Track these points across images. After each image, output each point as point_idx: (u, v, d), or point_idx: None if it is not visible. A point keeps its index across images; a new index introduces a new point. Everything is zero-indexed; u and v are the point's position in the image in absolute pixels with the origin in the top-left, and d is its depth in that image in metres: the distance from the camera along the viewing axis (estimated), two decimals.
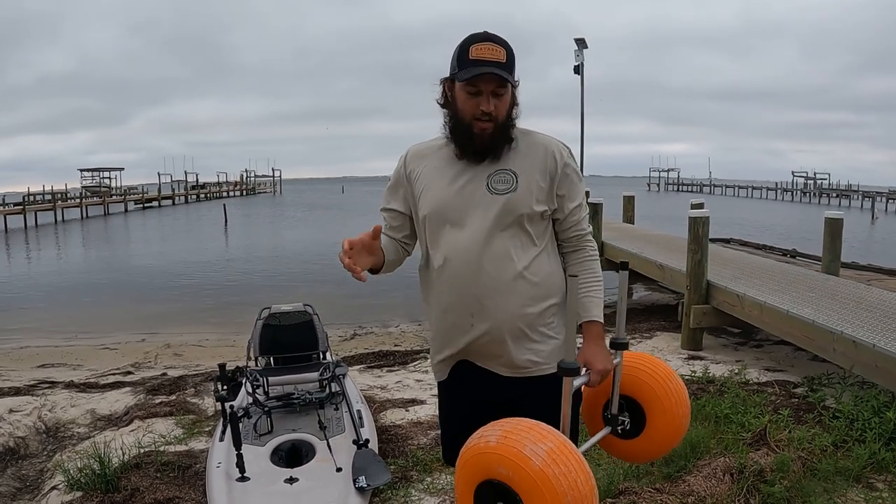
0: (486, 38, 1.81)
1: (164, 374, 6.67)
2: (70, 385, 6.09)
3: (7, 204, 37.94)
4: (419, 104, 2.07)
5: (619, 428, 2.04)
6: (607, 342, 1.97)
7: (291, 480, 3.00)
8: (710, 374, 5.22)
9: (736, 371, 5.30)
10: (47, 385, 6.12)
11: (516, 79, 1.86)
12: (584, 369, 1.87)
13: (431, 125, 1.98)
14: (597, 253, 2.03)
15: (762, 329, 6.70)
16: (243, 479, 2.99)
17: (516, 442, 1.61)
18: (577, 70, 19.71)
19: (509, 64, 1.80)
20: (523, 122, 1.97)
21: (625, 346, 2.02)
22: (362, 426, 3.49)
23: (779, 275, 7.98)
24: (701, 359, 6.47)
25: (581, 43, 19.44)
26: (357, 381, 5.16)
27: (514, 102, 1.89)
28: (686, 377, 4.99)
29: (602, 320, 1.95)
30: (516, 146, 1.92)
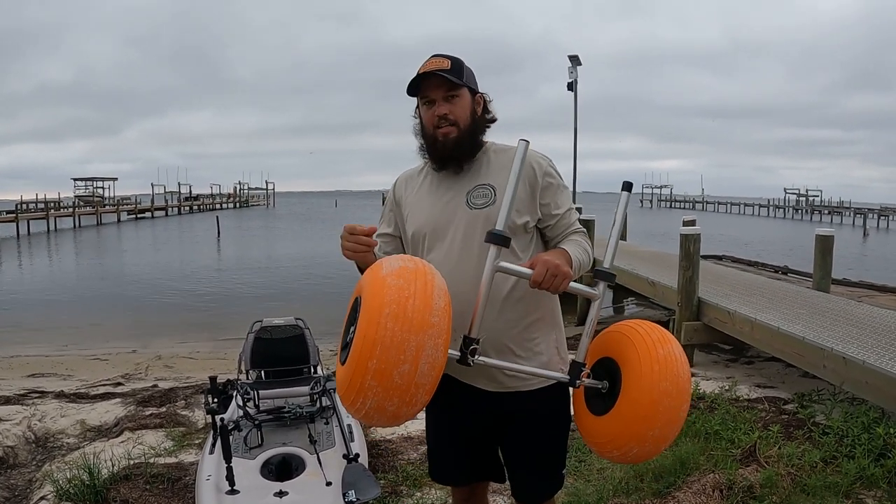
0: (432, 56, 1.91)
1: (155, 385, 6.63)
2: (60, 395, 6.04)
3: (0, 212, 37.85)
4: (412, 119, 2.13)
5: (578, 382, 1.83)
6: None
7: (281, 494, 2.99)
8: (701, 391, 5.23)
9: (726, 387, 5.31)
10: (37, 395, 6.08)
11: (484, 91, 1.95)
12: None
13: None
14: (588, 241, 1.99)
15: (753, 346, 6.73)
16: (233, 492, 2.98)
17: (387, 260, 1.64)
18: (571, 87, 19.87)
19: (455, 70, 1.86)
20: (513, 139, 2.01)
21: (611, 278, 1.83)
22: (352, 440, 3.48)
23: (770, 291, 8.02)
24: (692, 375, 6.48)
25: (575, 60, 19.63)
26: None
27: (476, 109, 1.94)
28: None
29: (572, 256, 1.84)
30: (496, 161, 1.95)
